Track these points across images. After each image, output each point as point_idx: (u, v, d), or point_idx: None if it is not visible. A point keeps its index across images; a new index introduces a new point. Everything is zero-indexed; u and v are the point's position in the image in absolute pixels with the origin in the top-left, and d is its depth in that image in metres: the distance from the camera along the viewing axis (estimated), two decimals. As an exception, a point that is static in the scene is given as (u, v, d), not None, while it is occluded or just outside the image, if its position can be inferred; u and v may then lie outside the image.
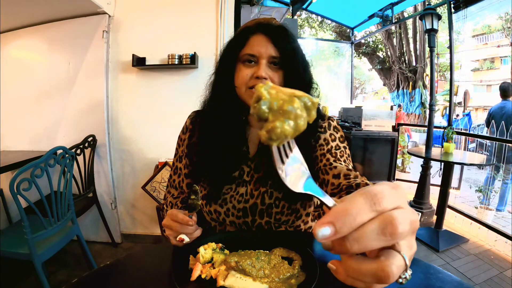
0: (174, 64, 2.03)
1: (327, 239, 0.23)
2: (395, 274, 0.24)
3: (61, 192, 1.47)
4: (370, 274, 0.24)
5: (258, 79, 0.67)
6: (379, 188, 0.24)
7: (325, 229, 0.23)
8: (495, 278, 1.92)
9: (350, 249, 0.23)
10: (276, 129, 0.26)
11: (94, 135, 2.10)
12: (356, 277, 0.24)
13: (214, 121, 0.75)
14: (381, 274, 0.23)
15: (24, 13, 2.01)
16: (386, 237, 0.23)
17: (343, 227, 0.23)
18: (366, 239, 0.23)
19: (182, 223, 0.59)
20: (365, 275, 0.24)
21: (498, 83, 3.53)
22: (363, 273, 0.24)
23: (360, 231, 0.23)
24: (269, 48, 0.68)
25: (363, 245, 0.23)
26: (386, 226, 0.23)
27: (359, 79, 14.08)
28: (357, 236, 0.23)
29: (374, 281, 0.24)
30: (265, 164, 0.75)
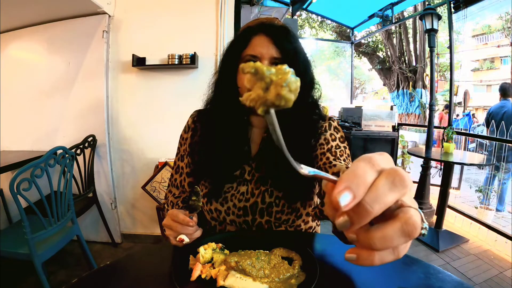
0: (174, 64, 2.03)
1: (348, 206, 0.23)
2: (419, 223, 0.24)
3: (61, 192, 1.47)
4: (398, 232, 0.24)
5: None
6: (370, 155, 0.26)
7: (345, 195, 0.23)
8: (495, 278, 1.92)
9: (373, 211, 0.23)
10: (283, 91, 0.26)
11: (94, 135, 2.10)
12: (384, 244, 0.24)
13: (217, 120, 0.75)
14: (407, 228, 0.24)
15: (24, 13, 2.01)
16: (398, 187, 0.24)
17: (358, 188, 0.23)
18: (383, 195, 0.23)
19: (183, 224, 0.59)
20: (393, 237, 0.24)
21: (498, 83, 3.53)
22: (391, 236, 0.24)
23: (374, 191, 0.23)
24: (271, 49, 0.69)
25: (382, 202, 0.23)
26: (394, 178, 0.24)
27: (359, 79, 14.08)
28: (373, 196, 0.23)
29: (403, 239, 0.24)
30: (266, 164, 0.75)
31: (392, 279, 0.55)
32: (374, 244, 0.24)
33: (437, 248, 2.25)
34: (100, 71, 2.09)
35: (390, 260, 0.26)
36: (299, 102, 0.76)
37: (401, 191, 0.24)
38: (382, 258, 0.25)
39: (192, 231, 0.60)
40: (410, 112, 9.02)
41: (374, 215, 0.23)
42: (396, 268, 0.60)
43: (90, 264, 1.73)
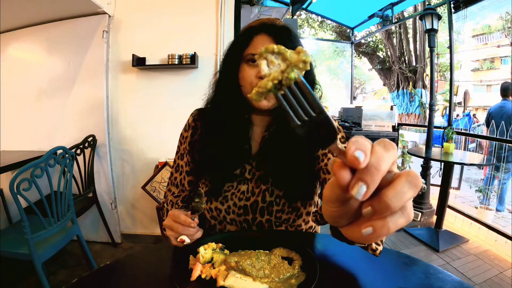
0: (174, 64, 2.03)
1: (364, 163, 0.25)
2: (419, 175, 0.26)
3: (61, 192, 1.47)
4: (406, 184, 0.25)
5: (262, 79, 0.67)
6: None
7: (359, 152, 0.25)
8: (495, 278, 1.92)
9: (394, 206, 0.25)
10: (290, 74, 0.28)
11: (94, 135, 2.10)
12: (400, 199, 0.25)
13: (218, 119, 0.75)
14: (412, 179, 0.25)
15: (24, 13, 2.01)
16: (414, 188, 0.26)
17: (366, 149, 0.25)
18: (402, 193, 0.25)
19: (184, 225, 0.59)
20: (404, 190, 0.25)
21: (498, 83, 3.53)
22: (402, 189, 0.25)
23: (375, 154, 0.25)
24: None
25: (402, 199, 0.25)
26: (414, 180, 0.25)
27: (359, 79, 14.08)
28: (393, 192, 0.25)
29: (411, 190, 0.25)
30: (267, 162, 0.75)
31: (392, 279, 0.55)
32: (390, 202, 0.25)
33: (437, 248, 2.25)
34: (100, 71, 2.09)
35: (403, 223, 0.27)
36: None
37: (415, 191, 0.26)
38: (396, 222, 0.26)
39: (193, 232, 0.60)
40: (410, 112, 9.02)
41: (382, 175, 0.25)
42: (396, 268, 0.60)
43: (90, 264, 1.72)
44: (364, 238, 0.27)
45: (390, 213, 0.26)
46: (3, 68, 2.19)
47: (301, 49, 0.29)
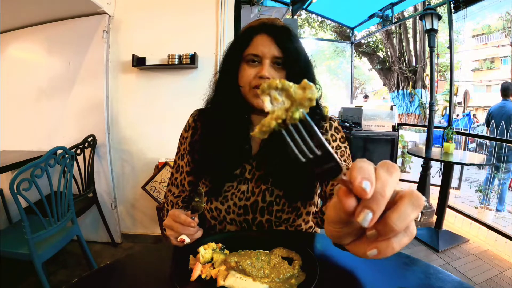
0: (174, 64, 2.03)
1: (371, 192, 0.25)
2: (421, 195, 0.27)
3: (61, 192, 1.47)
4: (409, 206, 0.26)
5: (262, 78, 0.68)
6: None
7: (365, 183, 0.25)
8: (495, 278, 1.92)
9: (398, 228, 0.26)
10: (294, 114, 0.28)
11: (94, 135, 2.10)
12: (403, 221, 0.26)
13: (217, 119, 0.75)
14: (415, 200, 0.26)
15: (24, 13, 2.01)
16: (418, 209, 0.26)
17: (371, 177, 0.26)
18: (406, 215, 0.26)
19: (184, 224, 0.59)
20: (407, 211, 0.26)
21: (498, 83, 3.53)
22: (405, 211, 0.26)
23: (398, 211, 0.26)
24: (272, 48, 0.69)
25: (405, 221, 0.26)
26: (417, 201, 0.26)
27: (359, 79, 14.08)
28: (397, 215, 0.26)
29: (415, 212, 0.26)
30: (267, 162, 0.75)
31: (392, 279, 0.55)
32: (395, 225, 0.26)
33: (437, 248, 2.25)
34: (100, 71, 2.09)
35: (406, 241, 0.28)
36: None
37: (418, 212, 0.27)
38: (400, 242, 0.27)
39: (193, 231, 0.60)
40: (410, 112, 9.02)
41: (387, 200, 0.26)
42: (396, 268, 0.60)
43: (90, 264, 1.72)
44: (368, 257, 0.28)
45: (394, 235, 0.27)
46: (3, 68, 2.19)
47: (306, 84, 0.29)
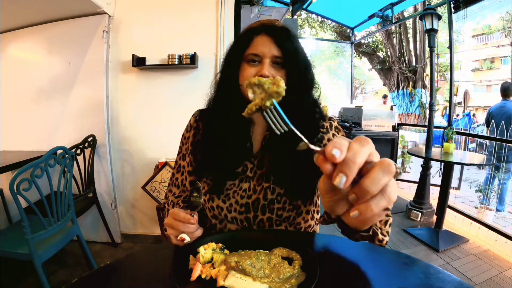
0: (174, 64, 2.03)
1: (340, 158, 0.30)
2: (392, 162, 0.32)
3: (61, 192, 1.48)
4: (380, 171, 0.31)
5: (262, 77, 0.68)
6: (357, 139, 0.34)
7: (335, 150, 0.30)
8: (495, 278, 1.92)
9: (372, 191, 0.31)
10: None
11: (94, 135, 2.10)
12: (376, 185, 0.31)
13: (219, 118, 0.76)
14: (385, 167, 0.31)
15: (24, 13, 2.01)
16: (389, 174, 0.31)
17: (342, 147, 0.31)
18: (378, 179, 0.30)
19: (184, 222, 0.60)
20: (379, 176, 0.31)
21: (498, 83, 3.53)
22: (377, 176, 0.31)
23: (351, 150, 0.31)
24: (272, 48, 0.70)
25: (378, 184, 0.31)
26: (387, 167, 0.31)
27: (359, 79, 14.08)
28: (370, 180, 0.30)
29: (386, 176, 0.31)
30: (268, 161, 0.76)
31: (392, 279, 0.55)
32: (368, 188, 0.30)
33: (437, 248, 2.25)
34: (100, 71, 2.09)
35: (384, 204, 0.32)
36: (300, 101, 0.77)
37: (390, 177, 0.31)
38: (378, 204, 0.31)
39: (193, 229, 0.61)
40: (410, 112, 9.02)
41: (358, 166, 0.31)
42: (396, 268, 0.60)
43: (90, 264, 1.73)
44: (358, 222, 0.34)
45: (371, 197, 0.31)
46: (3, 68, 2.19)
47: (276, 80, 0.39)
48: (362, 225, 0.36)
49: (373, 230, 0.58)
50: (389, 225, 0.62)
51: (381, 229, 0.60)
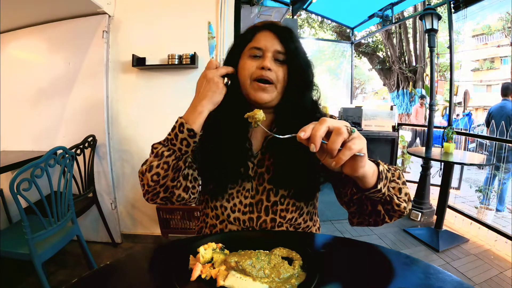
0: (174, 64, 2.03)
1: (306, 136, 0.47)
2: (343, 127, 0.46)
3: (61, 192, 1.47)
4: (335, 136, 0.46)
5: (263, 69, 0.69)
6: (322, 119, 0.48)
7: (303, 133, 0.47)
8: (495, 278, 1.92)
9: (334, 148, 0.46)
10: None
11: (94, 135, 2.10)
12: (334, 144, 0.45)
13: (218, 118, 0.75)
14: (339, 132, 0.46)
15: (24, 13, 2.01)
16: (342, 135, 0.45)
17: (308, 129, 0.47)
18: (334, 141, 0.45)
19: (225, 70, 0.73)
20: (334, 139, 0.46)
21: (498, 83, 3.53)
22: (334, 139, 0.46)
23: (330, 140, 0.46)
24: (275, 43, 0.70)
25: (336, 143, 0.45)
26: (339, 132, 0.46)
27: (359, 79, 14.08)
28: (330, 142, 0.46)
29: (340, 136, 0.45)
30: (268, 160, 0.75)
31: (392, 279, 0.55)
32: (330, 147, 0.46)
33: (437, 248, 2.25)
34: (100, 71, 2.09)
35: (348, 153, 0.45)
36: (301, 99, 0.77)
37: (343, 137, 0.45)
38: (344, 153, 0.45)
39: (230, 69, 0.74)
40: (410, 112, 9.02)
41: (320, 137, 0.46)
42: (396, 268, 0.60)
43: (90, 264, 1.73)
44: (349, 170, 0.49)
45: (337, 151, 0.45)
46: (3, 68, 2.19)
47: (256, 111, 0.60)
48: (354, 172, 0.49)
49: (388, 195, 0.59)
50: (404, 194, 0.62)
51: (396, 196, 0.61)
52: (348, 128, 0.46)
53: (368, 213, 0.66)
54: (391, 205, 0.60)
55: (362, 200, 0.65)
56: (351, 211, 0.71)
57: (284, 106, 0.74)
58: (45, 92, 2.17)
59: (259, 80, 0.69)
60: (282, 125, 0.74)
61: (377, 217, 0.64)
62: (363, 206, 0.66)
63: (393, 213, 0.62)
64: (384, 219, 0.64)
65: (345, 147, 0.45)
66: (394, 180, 0.61)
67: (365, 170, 0.51)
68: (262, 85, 0.69)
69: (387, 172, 0.59)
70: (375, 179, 0.55)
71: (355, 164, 0.48)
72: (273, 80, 0.69)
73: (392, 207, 0.61)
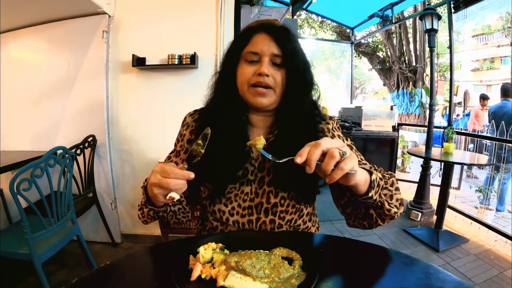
0: (174, 64, 2.03)
1: (302, 160, 0.51)
2: (336, 151, 0.50)
3: (61, 192, 1.47)
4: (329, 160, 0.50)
5: (260, 76, 0.68)
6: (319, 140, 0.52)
7: (299, 158, 0.51)
8: (495, 278, 1.92)
9: (327, 169, 0.50)
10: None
11: (94, 135, 2.10)
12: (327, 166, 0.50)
13: (216, 120, 0.74)
14: (332, 155, 0.50)
15: (24, 13, 2.01)
16: (335, 158, 0.50)
17: (304, 154, 0.51)
18: (327, 163, 0.50)
19: (178, 178, 0.54)
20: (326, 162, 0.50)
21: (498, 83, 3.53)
22: (327, 162, 0.50)
23: (324, 163, 0.50)
24: (272, 46, 0.69)
25: (329, 166, 0.50)
26: (332, 155, 0.50)
27: (359, 79, 14.07)
28: (324, 165, 0.50)
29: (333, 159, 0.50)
30: (269, 163, 0.75)
31: (392, 279, 0.55)
32: (324, 169, 0.50)
33: (437, 248, 2.25)
34: (100, 71, 2.09)
35: (340, 174, 0.50)
36: (300, 102, 0.77)
37: (335, 160, 0.50)
38: (336, 173, 0.50)
39: (183, 184, 0.55)
40: (410, 112, 9.02)
41: (315, 159, 0.50)
42: (396, 268, 0.60)
43: (90, 264, 1.73)
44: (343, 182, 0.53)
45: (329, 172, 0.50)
46: (3, 68, 2.19)
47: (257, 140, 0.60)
48: (347, 183, 0.54)
49: (379, 201, 0.63)
50: (395, 200, 0.66)
51: (387, 202, 0.64)
52: (340, 152, 0.51)
53: (362, 216, 0.71)
54: (382, 210, 0.65)
55: (356, 203, 0.70)
56: (347, 213, 0.75)
57: (284, 108, 0.73)
58: (45, 92, 2.17)
59: (257, 85, 0.69)
60: (282, 127, 0.74)
61: (371, 220, 0.69)
62: (358, 209, 0.71)
63: (385, 216, 0.67)
64: (377, 222, 0.68)
65: (337, 167, 0.50)
66: (386, 188, 0.65)
67: (357, 181, 0.55)
68: (260, 90, 0.69)
69: (379, 180, 0.62)
70: (367, 187, 0.59)
71: (347, 178, 0.53)
72: (271, 85, 0.69)
73: (383, 212, 0.65)
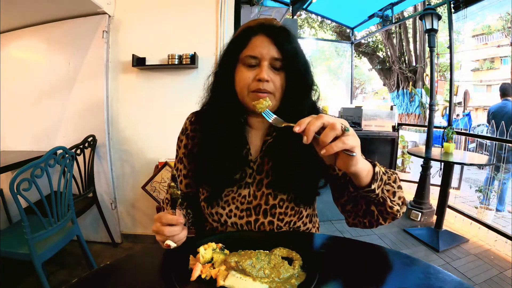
0: (174, 64, 2.03)
1: (301, 129, 0.49)
2: (338, 124, 0.48)
3: (61, 192, 1.47)
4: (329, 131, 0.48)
5: (260, 81, 0.66)
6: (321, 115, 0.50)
7: (298, 128, 0.49)
8: (495, 278, 1.92)
9: (326, 140, 0.48)
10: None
11: (94, 135, 2.10)
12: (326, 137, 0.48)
13: (213, 122, 0.74)
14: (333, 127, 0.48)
15: (24, 13, 2.01)
16: (335, 131, 0.47)
17: (303, 123, 0.50)
18: (327, 134, 0.48)
19: (170, 224, 0.58)
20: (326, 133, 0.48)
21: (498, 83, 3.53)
22: (327, 133, 0.48)
23: (323, 134, 0.48)
24: (271, 49, 0.67)
25: (328, 137, 0.48)
26: (333, 127, 0.48)
27: (359, 79, 14.08)
28: (323, 135, 0.48)
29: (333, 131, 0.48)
30: (268, 166, 0.74)
31: (392, 279, 0.55)
32: (322, 140, 0.48)
33: (437, 248, 2.25)
34: (100, 71, 2.09)
35: (340, 145, 0.48)
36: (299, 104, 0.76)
37: (336, 132, 0.47)
38: (336, 145, 0.48)
39: (177, 232, 0.58)
40: (410, 112, 9.02)
41: (313, 130, 0.48)
42: (396, 268, 0.60)
43: (90, 264, 1.73)
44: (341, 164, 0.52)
45: (327, 143, 0.48)
46: (3, 68, 2.19)
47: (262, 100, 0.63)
48: (346, 168, 0.52)
49: (382, 196, 0.60)
50: (398, 197, 0.62)
51: (390, 198, 0.61)
52: (342, 126, 0.48)
53: (362, 213, 0.68)
54: (384, 206, 0.62)
55: (357, 199, 0.68)
56: (347, 210, 0.72)
57: (283, 110, 0.72)
58: (45, 92, 2.17)
59: (257, 91, 0.67)
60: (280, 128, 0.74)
61: (371, 217, 0.66)
62: (358, 205, 0.68)
63: (387, 215, 0.64)
64: (378, 220, 0.65)
65: (338, 139, 0.48)
66: (389, 183, 0.62)
67: (357, 168, 0.52)
68: (260, 96, 0.67)
69: (382, 175, 0.60)
70: (369, 179, 0.56)
71: (347, 161, 0.51)
72: (271, 91, 0.68)
73: (385, 209, 0.62)
